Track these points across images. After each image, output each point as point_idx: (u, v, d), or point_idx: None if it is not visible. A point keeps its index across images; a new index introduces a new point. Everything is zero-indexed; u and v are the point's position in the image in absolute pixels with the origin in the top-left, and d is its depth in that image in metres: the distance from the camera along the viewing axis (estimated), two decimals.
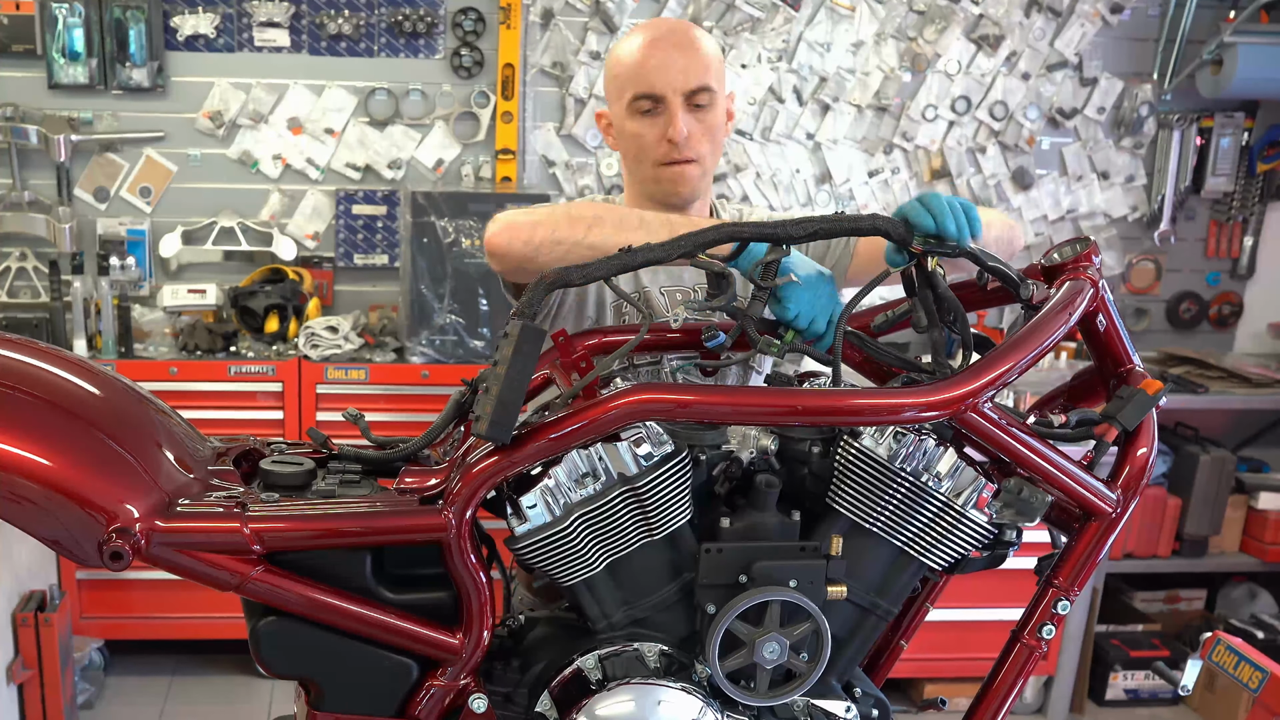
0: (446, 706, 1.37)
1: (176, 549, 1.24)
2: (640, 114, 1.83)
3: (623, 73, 1.84)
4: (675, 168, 1.84)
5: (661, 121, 1.82)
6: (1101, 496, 1.42)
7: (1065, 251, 1.50)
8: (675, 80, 1.80)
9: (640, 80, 1.82)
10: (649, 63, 1.81)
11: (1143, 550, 3.79)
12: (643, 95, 1.82)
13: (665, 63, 1.81)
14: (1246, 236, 4.21)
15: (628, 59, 1.84)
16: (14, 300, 3.75)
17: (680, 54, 1.82)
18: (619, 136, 1.89)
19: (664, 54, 1.81)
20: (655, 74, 1.81)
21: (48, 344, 1.39)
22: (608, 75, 1.90)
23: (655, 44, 1.83)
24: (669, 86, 1.80)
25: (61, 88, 3.65)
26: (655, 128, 1.83)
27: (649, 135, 1.83)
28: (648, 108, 1.82)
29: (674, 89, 1.80)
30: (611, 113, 1.90)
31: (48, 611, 3.14)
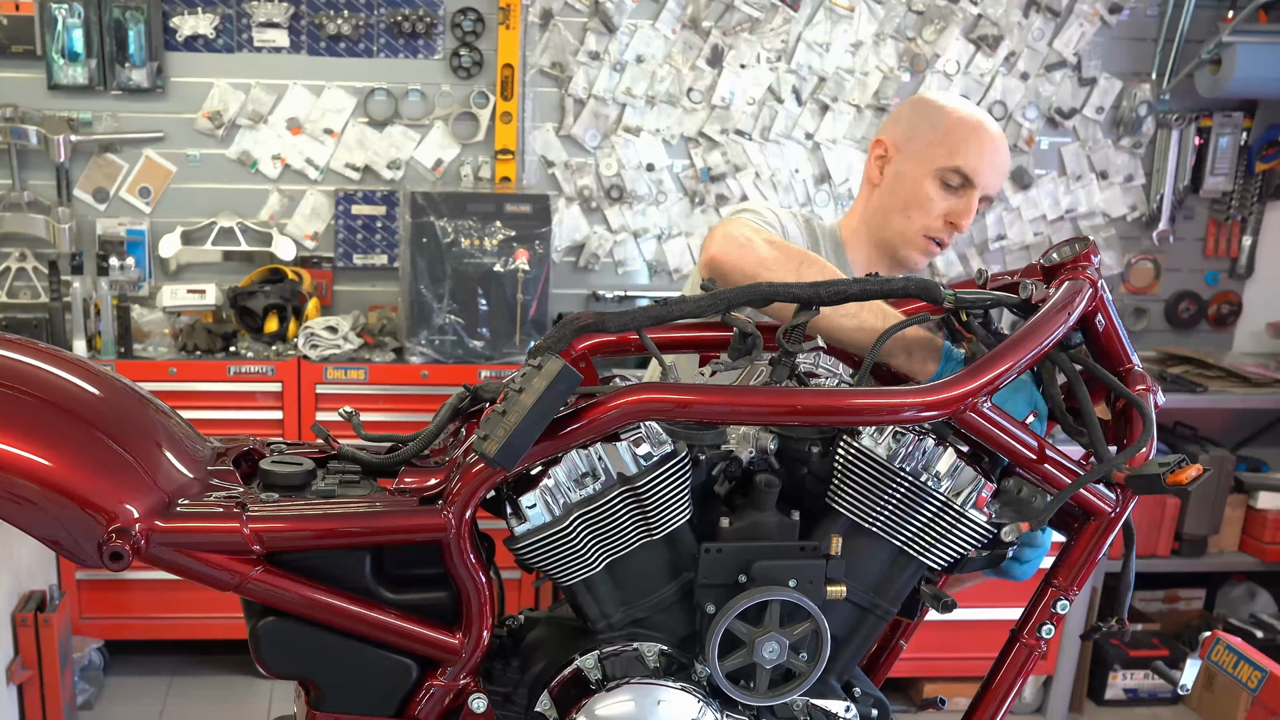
0: (446, 706, 1.37)
1: (176, 549, 1.24)
2: (944, 184, 1.91)
3: (953, 137, 1.91)
4: (935, 245, 1.95)
5: (957, 204, 1.91)
6: (1101, 496, 1.42)
7: (1064, 251, 1.50)
8: (990, 181, 1.92)
9: (970, 159, 1.90)
10: (985, 151, 1.90)
11: (1142, 550, 3.79)
12: (963, 173, 1.90)
13: (995, 161, 1.91)
14: (1245, 236, 4.22)
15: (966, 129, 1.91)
16: (13, 300, 3.75)
17: (1003, 160, 1.93)
18: (899, 181, 1.95)
19: (995, 153, 1.92)
20: (984, 164, 1.90)
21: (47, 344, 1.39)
22: (930, 125, 1.94)
23: (992, 137, 1.92)
24: (985, 184, 1.92)
25: (61, 88, 3.65)
26: (947, 203, 1.92)
27: (939, 206, 1.92)
28: (956, 183, 1.91)
29: (986, 186, 1.92)
30: (905, 157, 1.95)
31: (47, 612, 3.14)
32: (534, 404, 1.23)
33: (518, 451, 1.24)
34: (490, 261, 3.53)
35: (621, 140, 3.89)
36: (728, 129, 3.93)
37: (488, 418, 1.27)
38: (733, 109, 3.91)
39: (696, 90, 3.89)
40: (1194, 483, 1.31)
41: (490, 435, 1.24)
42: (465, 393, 1.49)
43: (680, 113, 3.91)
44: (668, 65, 3.87)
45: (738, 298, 1.39)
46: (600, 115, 3.87)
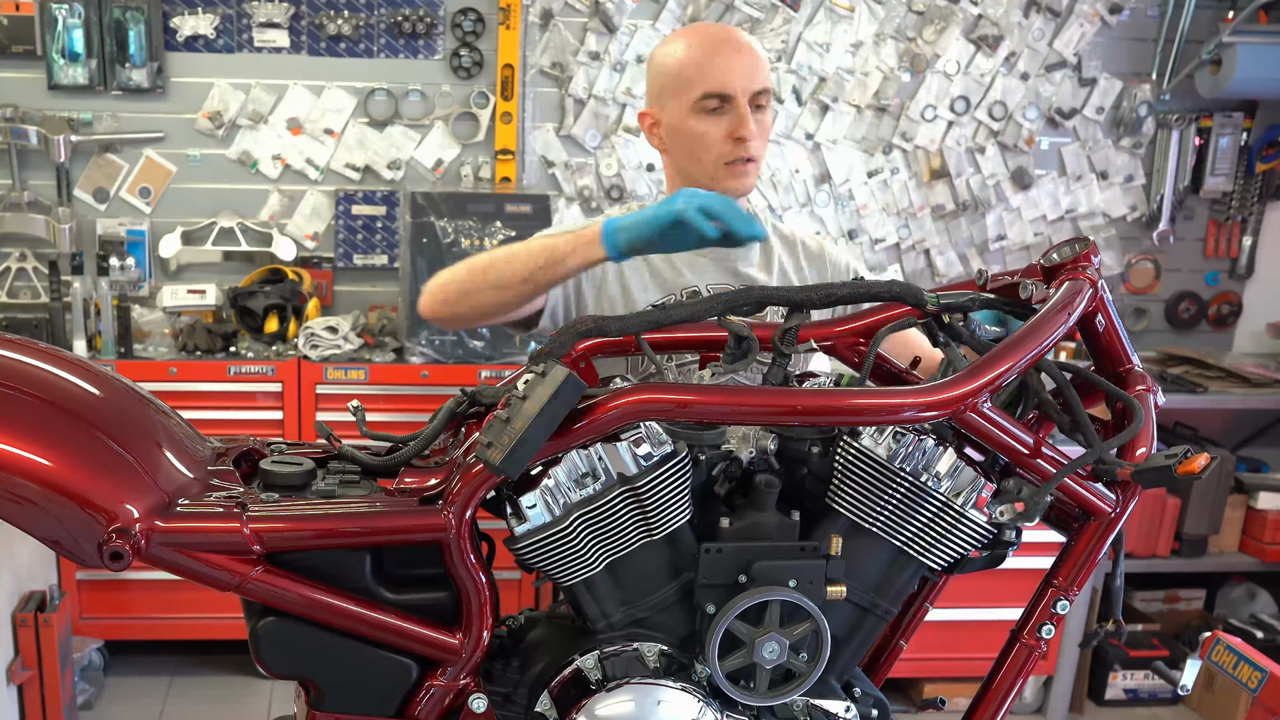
0: (446, 706, 1.37)
1: (176, 549, 1.24)
2: (706, 113, 1.87)
3: (688, 71, 1.88)
4: (739, 166, 1.89)
5: (727, 121, 1.87)
6: (1101, 496, 1.42)
7: (1064, 251, 1.50)
8: (743, 80, 1.86)
9: (709, 79, 1.86)
10: (718, 63, 1.86)
11: (1142, 550, 3.79)
12: (712, 94, 1.86)
13: (733, 64, 1.86)
14: (1245, 236, 4.22)
15: (693, 58, 1.88)
16: (14, 301, 3.75)
17: (744, 56, 1.87)
18: (673, 135, 1.92)
19: (730, 55, 1.87)
20: (725, 74, 1.85)
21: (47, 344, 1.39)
22: (664, 74, 1.92)
23: (719, 45, 1.88)
24: (738, 86, 1.85)
25: (61, 88, 3.65)
26: (720, 126, 1.87)
27: (714, 133, 1.87)
28: (714, 106, 1.87)
29: (742, 89, 1.86)
30: (666, 112, 1.92)
31: (47, 612, 3.14)
32: (538, 412, 1.24)
33: (522, 459, 1.25)
34: None
35: (622, 140, 3.89)
36: None
37: (490, 424, 1.27)
38: None
39: None
40: (1205, 471, 1.31)
41: (494, 443, 1.24)
42: (463, 396, 1.50)
43: None
44: None
45: (732, 302, 1.41)
46: (600, 115, 3.87)
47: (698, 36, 1.91)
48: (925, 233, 4.09)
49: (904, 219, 4.07)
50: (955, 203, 4.07)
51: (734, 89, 1.86)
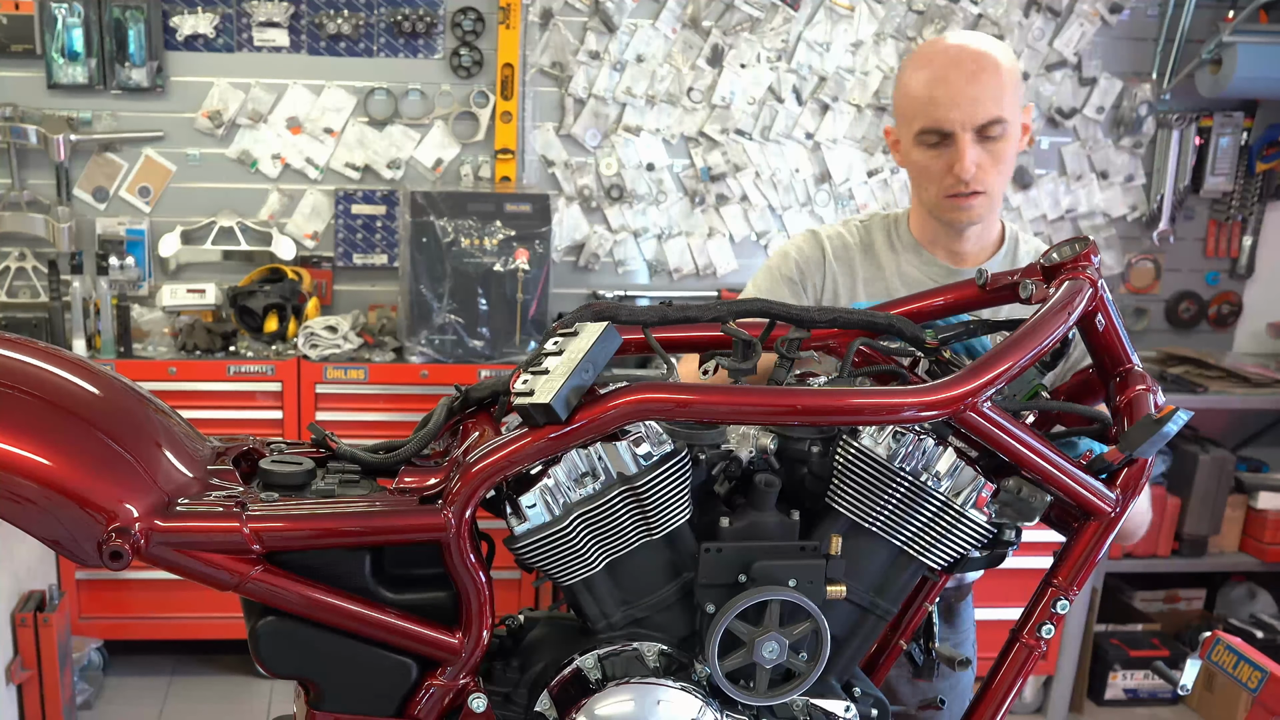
0: (446, 706, 1.37)
1: (176, 549, 1.24)
2: (927, 146, 1.84)
3: (912, 103, 1.84)
4: (960, 199, 1.85)
5: (948, 155, 1.82)
6: (1101, 496, 1.42)
7: (1064, 251, 1.50)
8: (964, 116, 1.79)
9: (927, 115, 1.81)
10: (938, 96, 1.80)
11: (1142, 550, 3.79)
12: (930, 130, 1.82)
13: (954, 97, 1.79)
14: (1246, 236, 4.22)
15: (916, 90, 1.83)
16: (13, 300, 3.75)
17: (970, 85, 1.79)
18: (905, 160, 1.91)
19: (954, 86, 1.79)
20: (943, 110, 1.79)
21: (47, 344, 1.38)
22: (897, 99, 1.89)
23: (944, 74, 1.80)
24: (957, 122, 1.79)
25: (61, 87, 3.65)
26: (941, 160, 1.83)
27: (934, 167, 1.84)
28: (934, 141, 1.83)
29: (962, 125, 1.80)
30: (899, 135, 1.91)
31: (47, 611, 3.14)
32: (586, 352, 1.26)
33: (570, 400, 1.25)
34: (490, 261, 3.53)
35: (621, 140, 3.89)
36: (728, 128, 3.93)
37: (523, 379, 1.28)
38: (733, 108, 3.91)
39: (697, 90, 3.89)
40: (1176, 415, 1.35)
41: (537, 390, 1.24)
42: (458, 394, 1.50)
43: (680, 112, 3.91)
44: (668, 65, 3.87)
45: (739, 309, 1.44)
46: (600, 115, 3.87)
47: (929, 62, 1.84)
48: None
49: None
50: None
51: (953, 125, 1.80)
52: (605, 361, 1.30)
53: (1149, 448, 1.40)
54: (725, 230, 4.01)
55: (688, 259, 4.01)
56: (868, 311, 1.50)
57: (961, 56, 1.82)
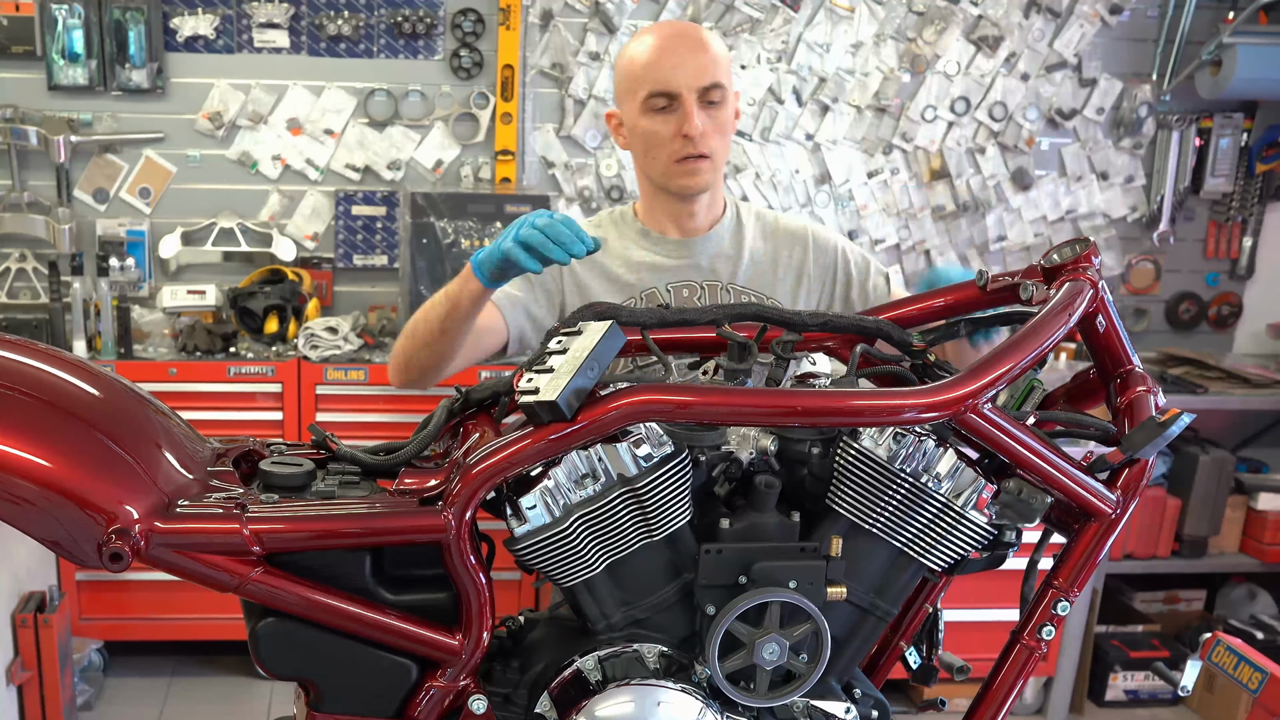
0: (446, 707, 1.37)
1: (176, 550, 1.24)
2: (654, 111, 1.91)
3: (636, 71, 1.92)
4: (689, 163, 1.92)
5: (675, 118, 1.90)
6: (1101, 497, 1.42)
7: (1065, 252, 1.51)
8: (689, 78, 1.88)
9: (655, 79, 1.89)
10: (664, 61, 1.89)
11: (1142, 551, 3.79)
12: (658, 93, 1.90)
13: (679, 61, 1.89)
14: (1246, 237, 4.22)
15: (641, 58, 1.92)
16: (13, 301, 3.75)
17: (693, 53, 1.90)
18: (631, 135, 1.97)
19: (678, 53, 1.90)
20: (670, 72, 1.89)
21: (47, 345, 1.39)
22: (620, 75, 1.97)
23: (668, 44, 1.91)
24: (683, 84, 1.88)
25: (61, 89, 3.65)
26: (669, 124, 1.90)
27: (663, 132, 1.91)
28: (662, 105, 1.90)
29: (688, 86, 1.88)
30: (623, 112, 1.98)
31: (47, 612, 3.14)
32: (591, 349, 1.28)
33: (575, 400, 1.26)
34: None
35: None
36: None
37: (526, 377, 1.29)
38: None
39: None
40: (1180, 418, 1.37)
41: (541, 389, 1.26)
42: (458, 395, 1.50)
43: None
44: None
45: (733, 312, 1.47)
46: (600, 116, 3.87)
47: (651, 35, 1.94)
48: (925, 233, 4.09)
49: (904, 220, 4.07)
50: (955, 203, 4.07)
51: (679, 87, 1.88)
52: (610, 360, 1.32)
53: (1151, 449, 1.40)
54: None
55: None
56: (856, 316, 1.53)
57: (681, 29, 1.97)
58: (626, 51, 1.96)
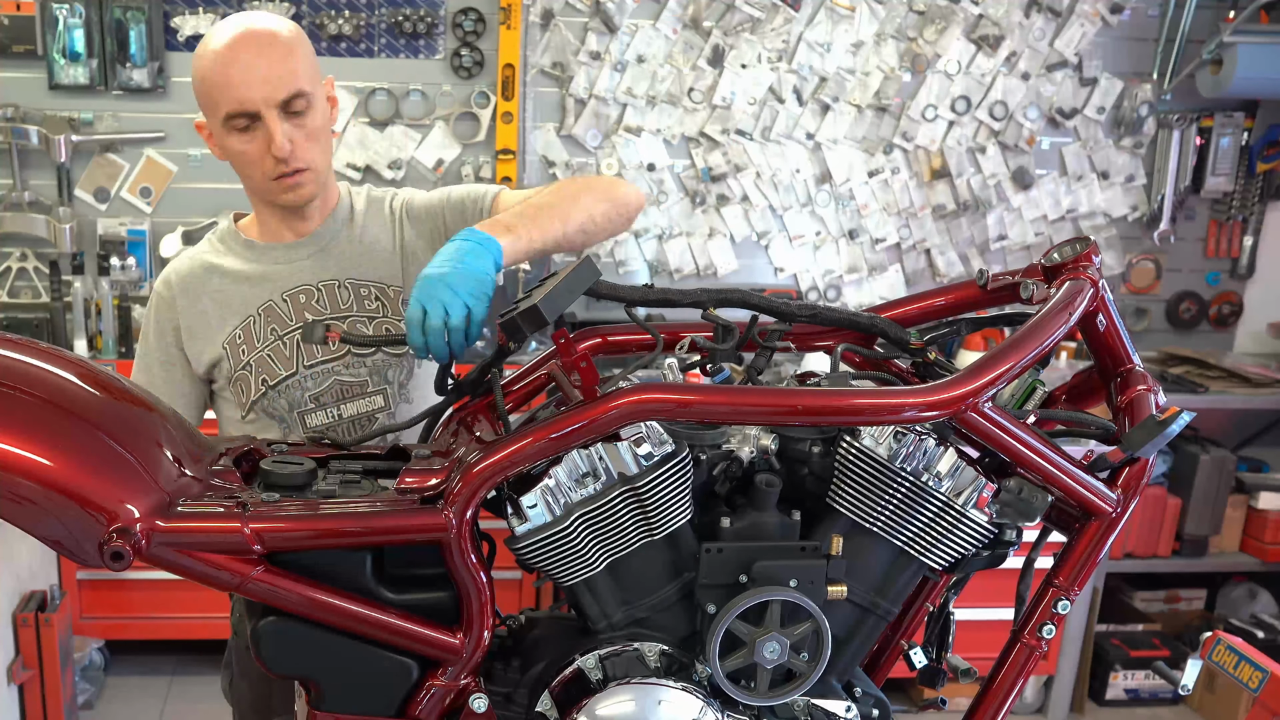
0: (447, 706, 1.37)
1: (177, 549, 1.24)
2: (238, 131, 1.74)
3: (209, 90, 1.74)
4: (286, 180, 1.78)
5: (261, 137, 1.74)
6: (1102, 496, 1.42)
7: (1065, 251, 1.51)
8: (265, 91, 1.71)
9: (230, 99, 1.71)
10: (234, 78, 1.70)
11: (1143, 550, 3.79)
12: (235, 113, 1.72)
13: (251, 75, 1.70)
14: (1246, 236, 4.22)
15: (211, 74, 1.72)
16: (14, 300, 3.76)
17: (264, 60, 1.71)
18: (223, 151, 1.80)
19: (248, 65, 1.70)
20: (243, 90, 1.70)
21: (48, 344, 1.39)
22: (196, 90, 1.78)
23: (236, 55, 1.71)
24: (260, 100, 1.71)
25: (62, 88, 3.65)
26: (256, 143, 1.74)
27: (251, 152, 1.75)
28: (244, 125, 1.73)
29: (266, 102, 1.71)
30: (210, 127, 1.80)
31: (48, 611, 3.14)
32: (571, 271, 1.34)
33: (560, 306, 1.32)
34: None
35: (622, 140, 3.89)
36: (729, 129, 3.93)
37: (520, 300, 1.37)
38: (734, 109, 3.91)
39: (697, 90, 3.89)
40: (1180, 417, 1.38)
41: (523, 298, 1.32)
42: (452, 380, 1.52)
43: (681, 113, 3.91)
44: (669, 65, 3.87)
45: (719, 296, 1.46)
46: (601, 115, 3.87)
47: (216, 44, 1.73)
48: (926, 233, 4.09)
49: (905, 219, 4.07)
50: (956, 202, 4.07)
51: (256, 105, 1.71)
52: (583, 287, 1.36)
53: (1151, 448, 1.40)
54: (726, 231, 4.01)
55: (688, 259, 4.01)
56: (850, 311, 1.52)
57: (247, 37, 1.73)
58: (196, 63, 1.75)
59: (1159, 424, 1.38)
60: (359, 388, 1.85)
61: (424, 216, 1.92)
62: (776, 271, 4.06)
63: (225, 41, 1.72)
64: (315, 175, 1.81)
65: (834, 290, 4.08)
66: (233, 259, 1.89)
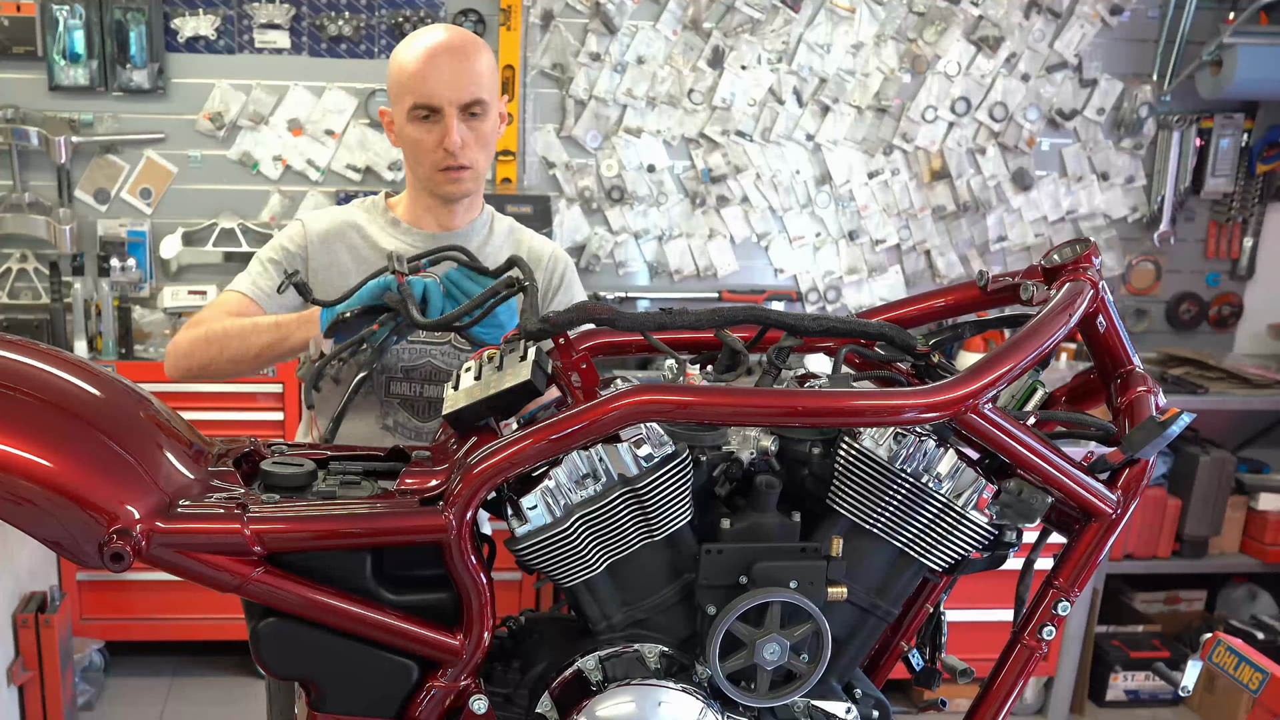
0: (447, 708, 1.37)
1: (177, 550, 1.24)
2: (419, 120, 1.95)
3: (404, 80, 1.94)
4: (451, 173, 1.97)
5: (438, 129, 1.94)
6: (1102, 498, 1.42)
7: (1065, 253, 1.51)
8: (452, 92, 1.92)
9: (419, 90, 1.92)
10: (429, 74, 1.92)
11: (1143, 551, 3.79)
12: (420, 105, 1.93)
13: (442, 75, 1.91)
14: (1246, 237, 4.22)
15: (409, 67, 1.94)
16: (14, 301, 3.75)
17: (457, 66, 1.92)
18: (400, 137, 2.00)
19: (442, 66, 1.92)
20: (433, 85, 1.91)
21: (48, 345, 1.39)
22: (390, 79, 1.98)
23: (434, 55, 1.92)
24: (445, 98, 1.92)
25: (62, 89, 3.65)
26: (432, 134, 1.94)
27: (426, 141, 1.95)
28: (425, 115, 1.94)
29: (450, 101, 1.92)
30: (394, 113, 2.00)
31: (48, 613, 3.14)
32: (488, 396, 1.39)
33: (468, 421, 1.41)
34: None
35: (622, 141, 3.89)
36: (728, 130, 3.93)
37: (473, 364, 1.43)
38: (733, 110, 3.91)
39: (697, 91, 3.89)
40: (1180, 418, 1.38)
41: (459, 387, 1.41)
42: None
43: (681, 114, 3.91)
44: (668, 66, 3.87)
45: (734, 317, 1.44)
46: (601, 116, 3.87)
47: (421, 44, 1.94)
48: (926, 234, 4.09)
49: (905, 220, 4.07)
50: (956, 204, 4.07)
51: (441, 101, 1.92)
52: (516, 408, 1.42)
53: (1151, 449, 1.40)
54: (726, 232, 4.01)
55: (688, 260, 4.02)
56: (858, 320, 1.52)
57: (448, 40, 1.95)
58: (397, 56, 1.97)
59: (1159, 425, 1.38)
60: (447, 375, 1.98)
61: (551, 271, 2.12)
62: (776, 273, 4.06)
63: (430, 44, 1.93)
64: (475, 174, 1.99)
65: (834, 291, 4.08)
66: (376, 228, 2.06)
